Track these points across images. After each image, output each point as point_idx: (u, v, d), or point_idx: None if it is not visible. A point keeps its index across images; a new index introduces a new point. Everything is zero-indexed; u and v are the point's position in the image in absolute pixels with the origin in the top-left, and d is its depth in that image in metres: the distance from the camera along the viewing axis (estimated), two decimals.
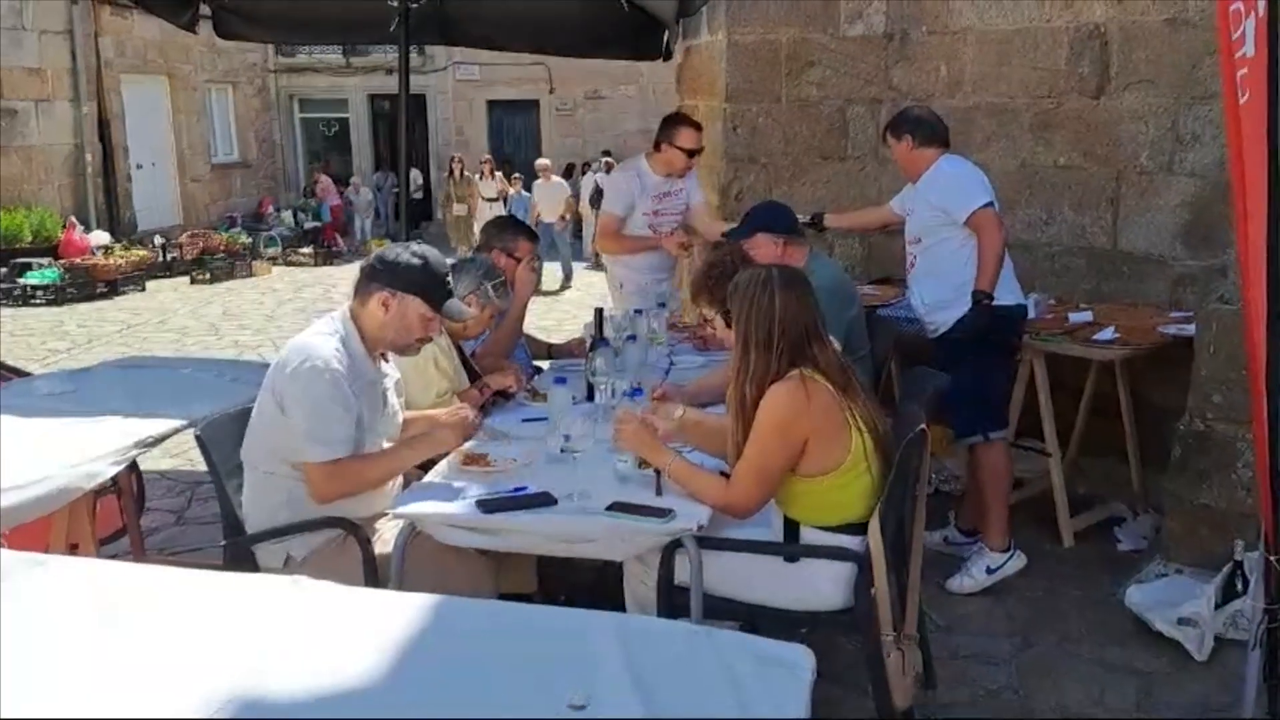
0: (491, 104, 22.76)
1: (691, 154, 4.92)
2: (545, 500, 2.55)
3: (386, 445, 2.81)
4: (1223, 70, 2.52)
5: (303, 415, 2.61)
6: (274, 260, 16.01)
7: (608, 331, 3.96)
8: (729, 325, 2.70)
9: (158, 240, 15.16)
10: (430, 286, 2.76)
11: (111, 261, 13.05)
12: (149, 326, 10.57)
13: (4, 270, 12.25)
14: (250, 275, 14.69)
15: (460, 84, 22.52)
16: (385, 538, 2.69)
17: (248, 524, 2.73)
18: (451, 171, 17.33)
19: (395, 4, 4.82)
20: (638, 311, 4.27)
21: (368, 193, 20.56)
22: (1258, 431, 2.82)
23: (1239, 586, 3.41)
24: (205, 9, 5.76)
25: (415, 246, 2.82)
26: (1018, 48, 5.23)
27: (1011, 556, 3.96)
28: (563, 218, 15.07)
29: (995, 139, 5.29)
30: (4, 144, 13.97)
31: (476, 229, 14.11)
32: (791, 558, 2.58)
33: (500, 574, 2.94)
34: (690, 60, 6.23)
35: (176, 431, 3.14)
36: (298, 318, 11.27)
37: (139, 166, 16.93)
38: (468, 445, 2.93)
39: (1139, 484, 4.71)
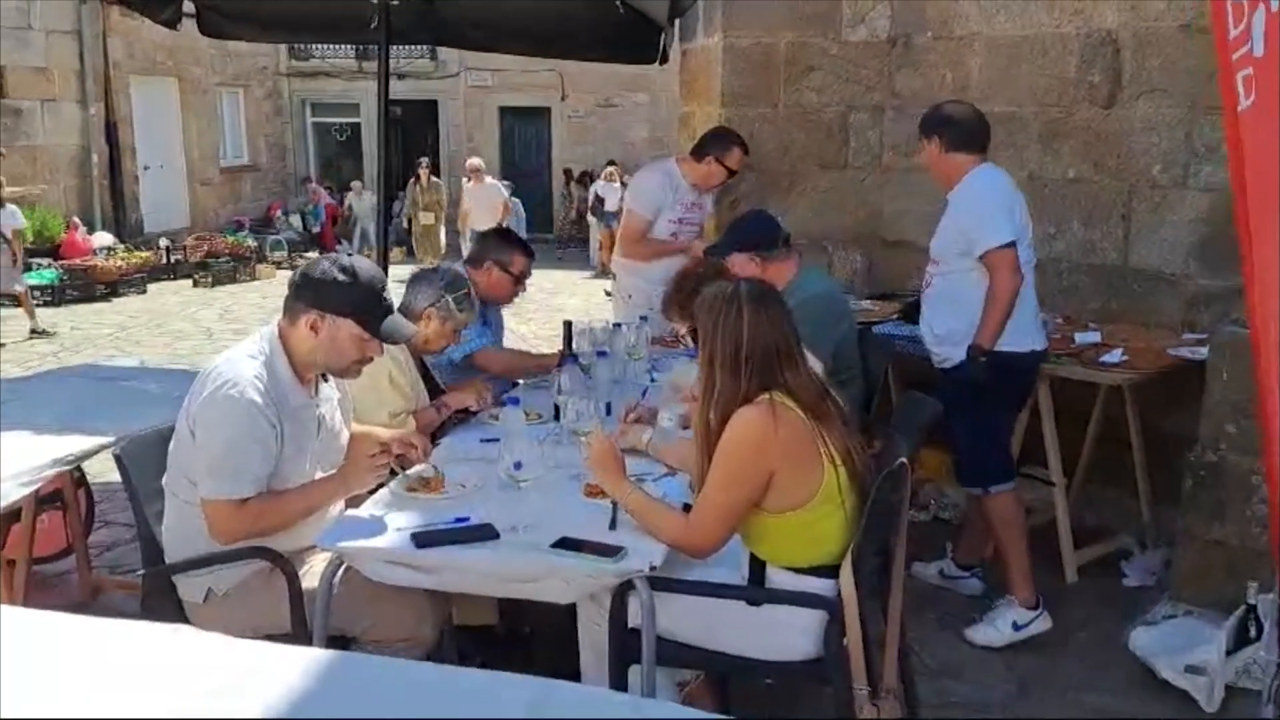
0: (503, 110, 22.62)
1: (732, 173, 4.86)
2: (486, 533, 2.33)
3: (323, 472, 2.60)
4: (1220, 71, 2.29)
5: (209, 446, 2.40)
6: (279, 264, 15.87)
7: (580, 346, 3.75)
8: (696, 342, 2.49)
9: (162, 243, 15.04)
10: (363, 306, 2.52)
11: (112, 263, 12.93)
12: (143, 329, 10.42)
13: None
14: (253, 279, 14.54)
15: (472, 90, 22.40)
16: (316, 570, 2.47)
17: (168, 553, 2.51)
18: (417, 177, 15.57)
19: (374, 1, 4.63)
20: (616, 325, 4.05)
21: (370, 197, 19.46)
22: (1269, 464, 2.59)
23: (1252, 632, 3.16)
24: (189, 6, 5.61)
25: (345, 260, 2.58)
26: (1026, 54, 5.00)
27: (1039, 615, 3.64)
28: (499, 225, 13.68)
29: (1002, 149, 5.03)
30: (9, 144, 13.88)
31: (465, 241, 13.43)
32: (755, 602, 2.35)
33: (458, 605, 2.73)
34: (687, 64, 6.02)
35: (103, 449, 2.93)
36: None
37: (146, 168, 16.83)
38: (415, 469, 2.72)
39: (1149, 515, 4.45)
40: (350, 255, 2.69)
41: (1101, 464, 4.63)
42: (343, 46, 21.97)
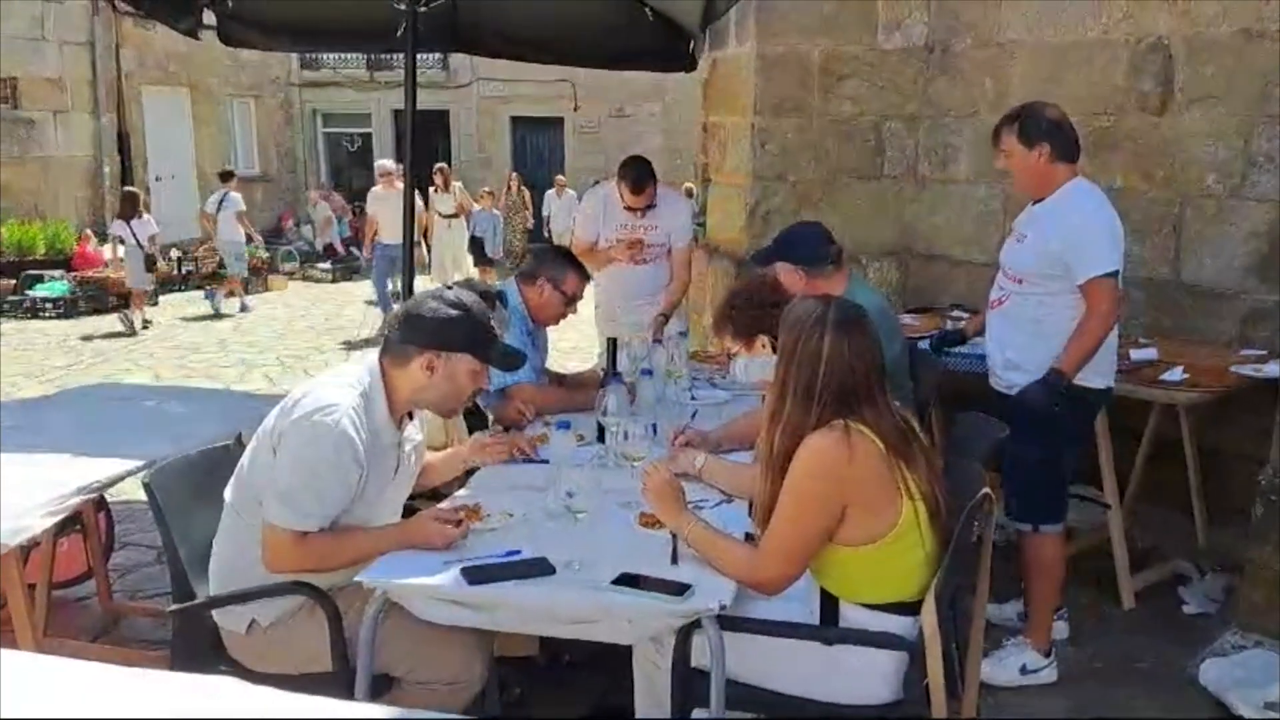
0: (515, 120, 22.54)
1: (630, 210, 4.70)
2: (542, 569, 2.17)
3: (392, 513, 2.48)
4: None
5: (289, 469, 2.26)
6: (291, 275, 15.76)
7: (622, 364, 3.60)
8: (775, 351, 2.34)
9: (173, 254, 14.93)
10: (479, 339, 2.43)
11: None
12: (156, 341, 10.30)
13: (14, 283, 12.00)
14: (266, 290, 14.42)
15: (484, 100, 22.34)
16: (359, 607, 2.32)
17: (215, 575, 2.36)
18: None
19: (403, 7, 4.50)
20: (656, 342, 3.90)
21: (325, 209, 18.33)
22: None
23: None
24: (209, 16, 5.49)
25: (450, 294, 2.47)
26: (1071, 61, 4.85)
27: (1049, 664, 3.43)
28: (415, 243, 12.51)
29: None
30: (22, 154, 13.82)
31: (431, 252, 12.74)
32: (831, 641, 2.20)
33: (499, 636, 2.58)
34: (716, 73, 5.88)
35: (128, 475, 2.79)
36: (308, 334, 10.98)
37: (158, 179, 16.78)
38: (455, 497, 2.57)
39: (1204, 538, 4.30)
40: (451, 286, 2.58)
41: (1154, 482, 4.47)
42: (354, 56, 22.04)
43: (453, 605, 2.13)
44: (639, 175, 4.65)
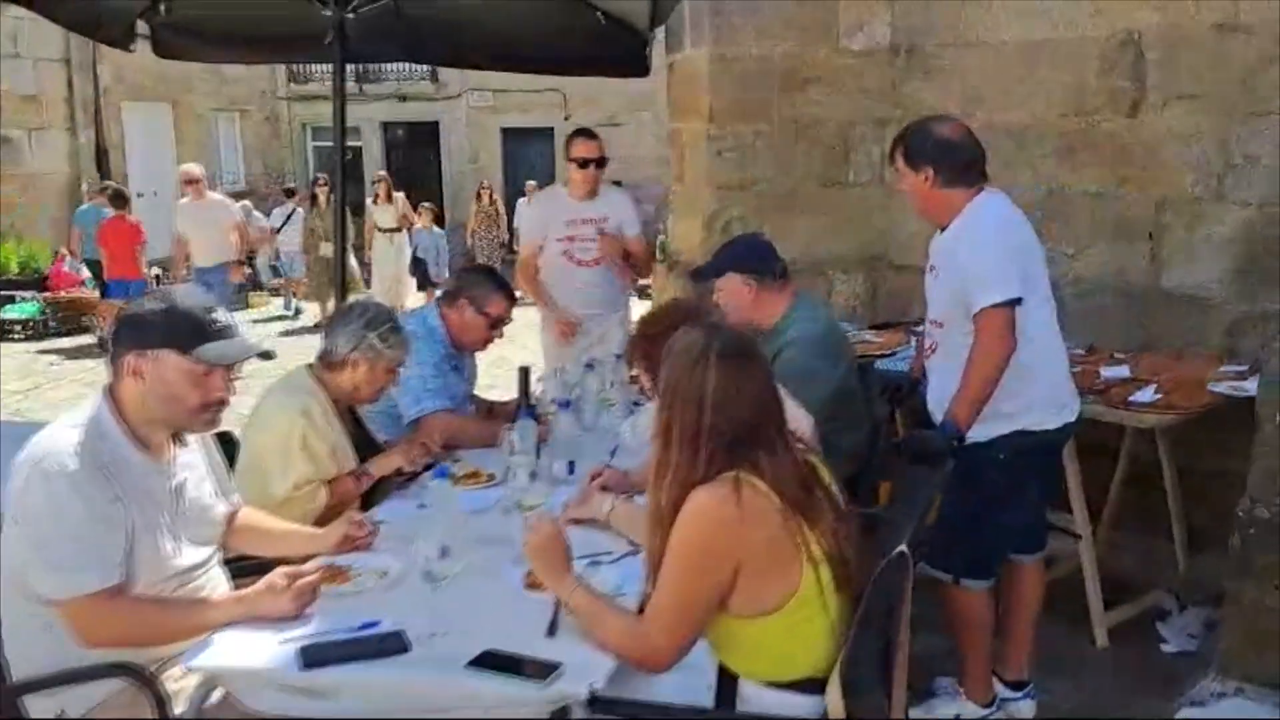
0: (506, 131, 22.33)
1: (584, 164, 4.51)
2: (392, 646, 1.90)
3: (191, 551, 2.19)
4: None
5: (39, 537, 1.99)
6: (275, 291, 15.51)
7: (549, 392, 3.33)
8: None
9: (153, 271, 14.70)
10: (183, 331, 2.10)
11: (97, 295, 12.55)
12: None
13: None
14: (247, 307, 14.18)
15: (474, 111, 22.14)
16: (189, 688, 2.05)
17: (13, 668, 2.09)
18: (315, 198, 12.19)
19: (328, 13, 4.25)
20: (588, 365, 3.63)
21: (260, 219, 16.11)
22: None
23: None
24: (143, 27, 5.27)
25: (164, 289, 2.22)
26: (1042, 60, 4.58)
27: (992, 715, 3.12)
28: (239, 263, 9.78)
29: (1017, 164, 4.62)
30: None
31: (372, 271, 11.97)
32: None
33: None
34: (674, 78, 5.61)
35: None
36: (289, 352, 10.69)
37: (140, 196, 16.53)
38: (317, 562, 2.30)
39: (1184, 566, 4.01)
40: (181, 285, 2.27)
41: (1130, 507, 4.19)
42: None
43: (286, 692, 1.85)
44: (584, 130, 4.62)
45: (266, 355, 2.26)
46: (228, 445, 2.90)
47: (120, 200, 10.90)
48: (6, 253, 12.99)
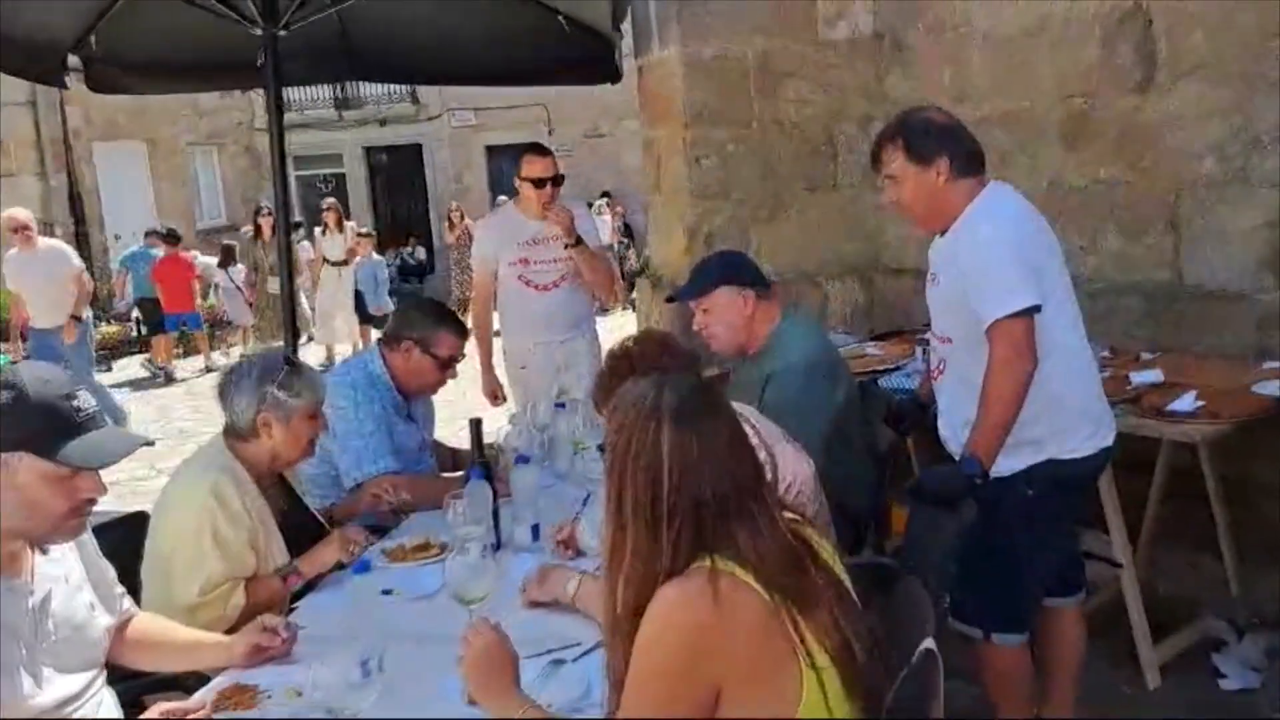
0: (490, 149, 21.99)
1: (539, 184, 4.14)
2: None
3: (61, 681, 1.80)
4: None
5: None
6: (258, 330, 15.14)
7: (517, 435, 2.96)
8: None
9: (134, 315, 14.34)
10: (37, 428, 1.71)
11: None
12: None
13: None
14: (230, 346, 13.80)
15: (457, 131, 21.83)
16: None
17: None
18: (259, 230, 11.28)
19: (259, 32, 3.88)
20: (559, 405, 3.25)
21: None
22: None
23: None
24: (75, 61, 4.93)
25: (12, 371, 1.78)
26: (1037, 41, 4.21)
27: None
28: (73, 319, 7.75)
29: (1014, 156, 4.26)
30: None
31: (316, 305, 11.07)
32: None
33: None
34: (644, 82, 5.26)
35: None
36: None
37: (118, 238, 16.21)
38: (224, 679, 1.93)
39: (1237, 585, 3.62)
40: (28, 365, 1.85)
41: (1170, 523, 3.80)
42: (321, 96, 21.57)
43: None
44: (535, 146, 4.32)
45: (147, 443, 1.87)
46: (143, 526, 2.54)
47: (174, 239, 11.62)
48: None
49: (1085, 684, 3.01)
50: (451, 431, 3.96)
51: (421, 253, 20.86)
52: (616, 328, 8.56)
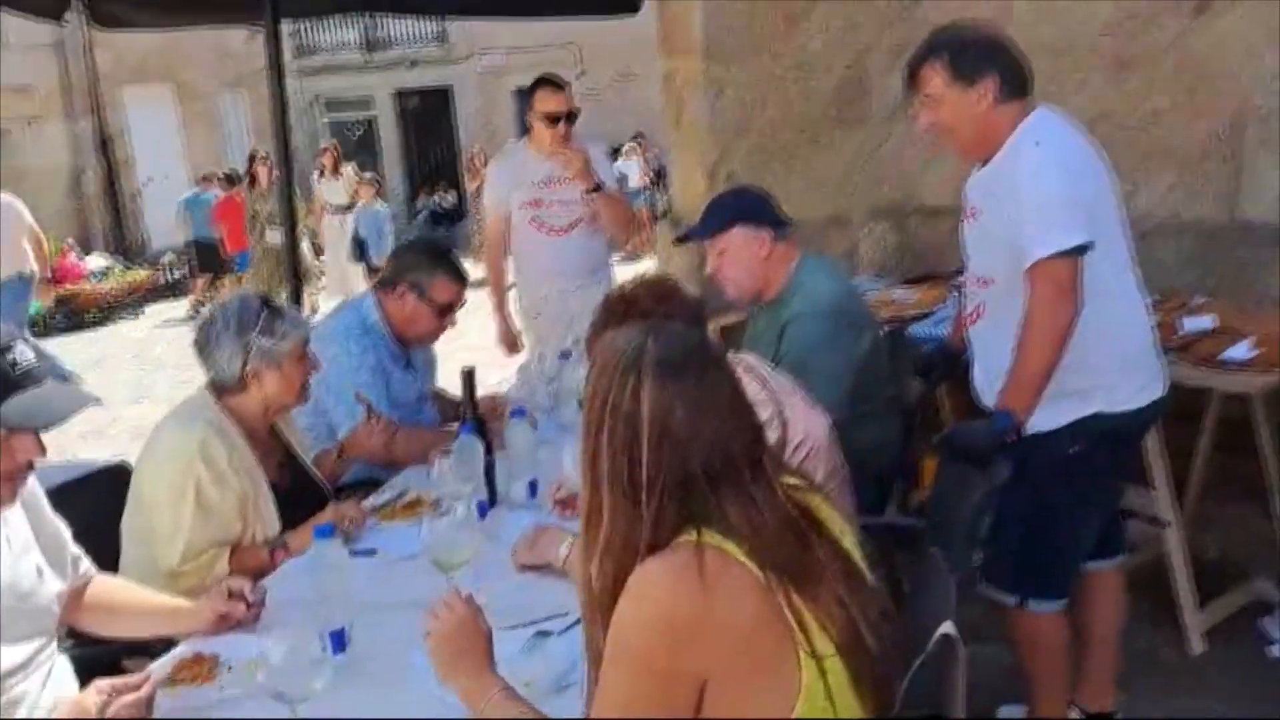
0: (519, 92, 21.63)
1: (555, 120, 3.90)
2: None
3: (11, 650, 1.67)
4: None
5: None
6: (320, 273, 15.03)
7: (522, 386, 2.79)
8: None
9: (165, 259, 14.33)
10: None
11: (103, 287, 12.20)
12: (119, 361, 9.63)
13: None
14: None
15: (484, 74, 21.51)
16: None
17: None
18: (254, 178, 10.24)
19: None
20: (564, 355, 3.07)
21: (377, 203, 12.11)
22: None
23: None
24: None
25: None
26: None
27: None
28: (46, 281, 7.69)
29: (1057, 86, 3.94)
30: None
31: (322, 256, 10.65)
32: None
33: None
34: (663, 13, 4.99)
35: None
36: None
37: (148, 182, 16.17)
38: (185, 647, 1.79)
39: None
40: None
41: (1221, 477, 3.58)
42: (349, 39, 21.31)
43: None
44: (548, 78, 4.03)
45: (95, 402, 1.71)
46: (125, 479, 2.40)
47: (234, 180, 11.17)
48: None
49: (1123, 649, 2.82)
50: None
51: (452, 198, 20.64)
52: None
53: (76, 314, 11.60)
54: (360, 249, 10.53)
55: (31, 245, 7.63)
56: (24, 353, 1.61)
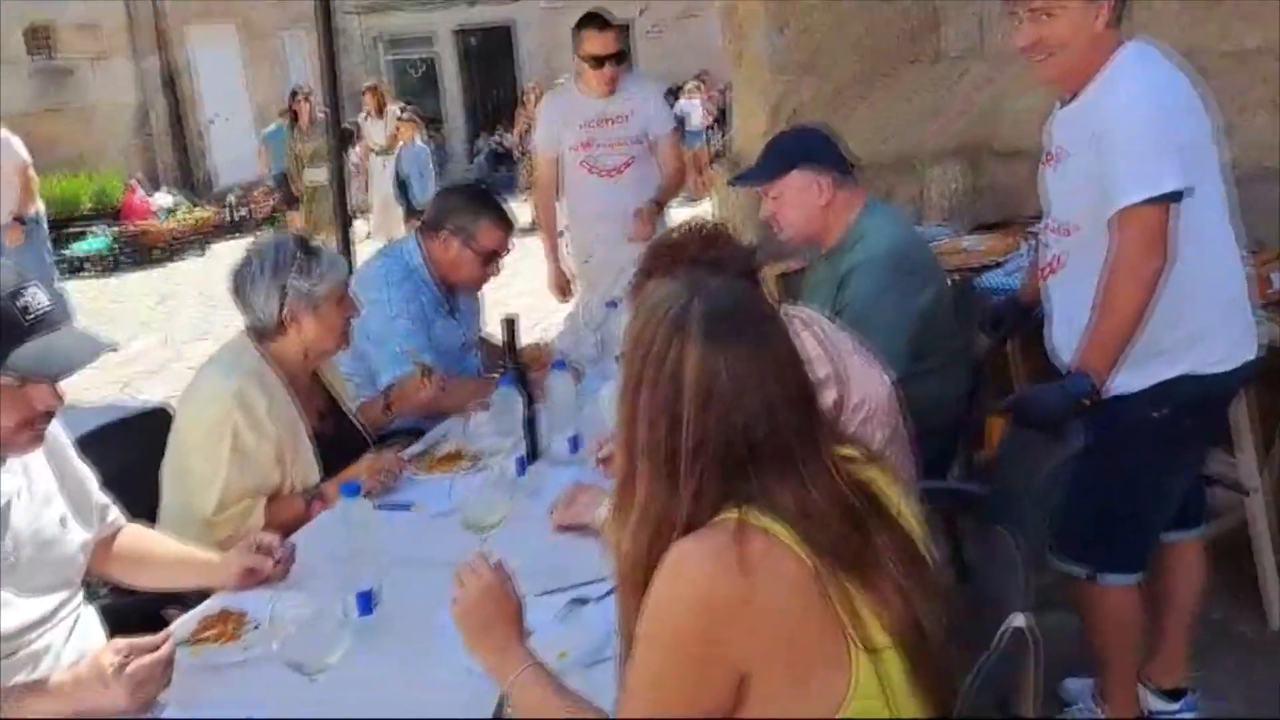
0: None
1: (601, 62, 3.76)
2: None
3: (22, 605, 1.61)
4: None
5: None
6: (361, 213, 15.08)
7: (561, 344, 2.69)
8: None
9: (230, 198, 14.44)
10: None
11: (168, 225, 12.33)
12: (184, 299, 9.73)
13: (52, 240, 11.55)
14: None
15: (547, 10, 21.18)
16: None
17: None
18: (296, 116, 9.90)
19: None
20: (611, 304, 2.96)
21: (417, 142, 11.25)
22: None
23: None
24: None
25: None
26: None
27: None
28: (18, 221, 6.64)
29: (1139, 17, 3.69)
30: (62, 105, 13.41)
31: (368, 198, 10.25)
32: None
33: None
34: None
35: None
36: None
37: (213, 120, 16.26)
38: (213, 601, 1.73)
39: None
40: None
41: None
42: None
43: None
44: (593, 17, 3.83)
45: (112, 349, 1.63)
46: (166, 423, 2.35)
47: None
48: (78, 186, 12.80)
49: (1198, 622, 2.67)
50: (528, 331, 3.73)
51: (512, 138, 20.49)
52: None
53: (143, 251, 11.74)
54: (403, 190, 10.16)
55: (19, 180, 6.72)
56: (36, 297, 1.53)
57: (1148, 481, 2.20)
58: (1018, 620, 1.23)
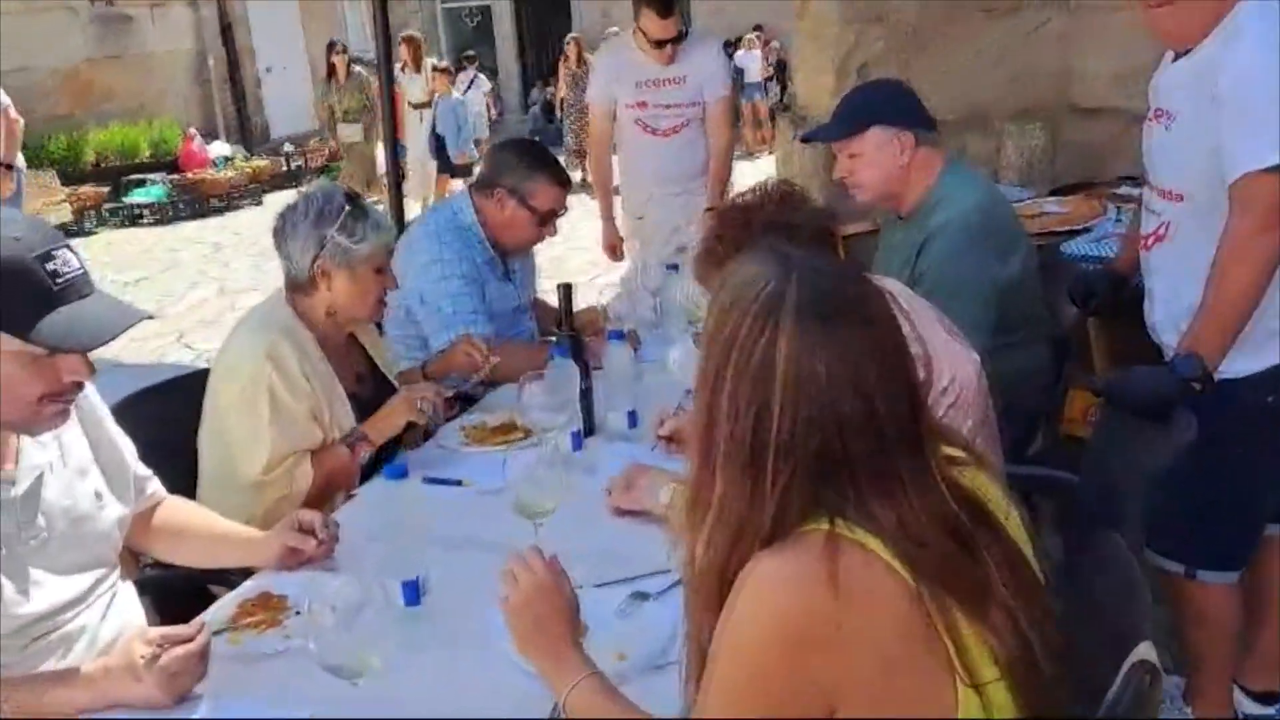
0: None
1: (659, 44, 3.68)
2: None
3: (54, 584, 1.53)
4: None
5: None
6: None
7: (616, 309, 2.55)
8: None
9: (285, 149, 14.43)
10: (5, 298, 1.36)
11: (224, 175, 12.34)
12: (238, 250, 9.74)
13: (106, 190, 11.59)
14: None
15: None
16: None
17: None
18: (332, 70, 9.57)
19: None
20: (672, 267, 2.81)
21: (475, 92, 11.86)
22: None
23: None
24: None
25: None
26: None
27: None
28: (6, 167, 6.00)
29: None
30: (121, 53, 13.44)
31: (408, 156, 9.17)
32: None
33: None
34: None
35: None
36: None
37: (269, 70, 16.24)
38: (254, 583, 1.64)
39: None
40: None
41: None
42: None
43: None
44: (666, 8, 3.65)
45: (146, 317, 1.53)
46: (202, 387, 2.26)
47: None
48: (137, 134, 12.86)
49: None
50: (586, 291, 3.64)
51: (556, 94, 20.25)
52: (761, 174, 7.97)
53: (199, 201, 11.76)
54: (439, 145, 9.78)
55: (2, 128, 6.11)
56: (67, 259, 1.42)
57: (1253, 473, 2.03)
58: (1143, 651, 1.09)
